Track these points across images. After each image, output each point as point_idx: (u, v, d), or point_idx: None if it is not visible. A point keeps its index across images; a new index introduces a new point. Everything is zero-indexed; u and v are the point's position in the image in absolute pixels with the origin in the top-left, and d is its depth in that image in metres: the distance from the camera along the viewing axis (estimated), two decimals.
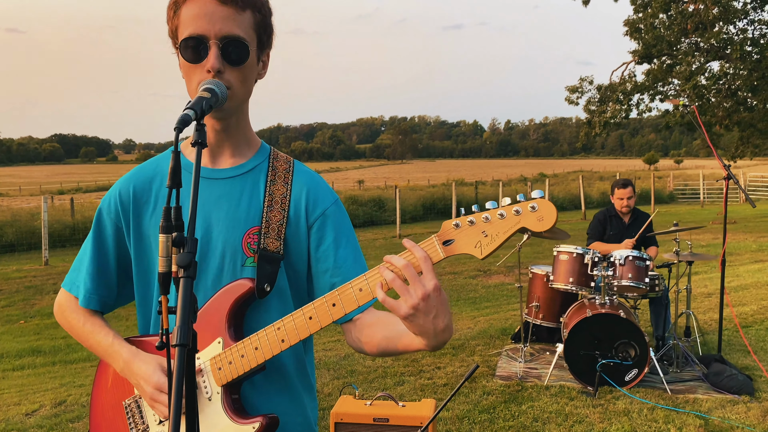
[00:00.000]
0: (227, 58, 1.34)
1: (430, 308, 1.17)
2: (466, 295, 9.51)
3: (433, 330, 1.19)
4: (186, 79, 1.38)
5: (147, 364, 1.38)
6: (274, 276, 1.39)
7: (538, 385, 4.93)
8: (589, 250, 5.28)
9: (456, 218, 1.24)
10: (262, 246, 1.40)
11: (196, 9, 1.33)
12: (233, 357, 1.33)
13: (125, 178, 1.52)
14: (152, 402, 1.37)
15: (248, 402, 1.40)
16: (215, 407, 1.33)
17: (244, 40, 1.35)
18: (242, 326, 1.38)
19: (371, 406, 3.42)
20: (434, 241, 1.24)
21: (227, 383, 1.34)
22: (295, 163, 1.52)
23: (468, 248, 1.23)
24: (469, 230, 1.23)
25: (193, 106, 1.17)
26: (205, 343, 1.35)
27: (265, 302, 1.40)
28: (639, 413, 4.36)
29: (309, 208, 1.45)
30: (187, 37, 1.33)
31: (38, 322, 9.10)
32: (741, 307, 7.45)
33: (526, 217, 1.19)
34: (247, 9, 1.36)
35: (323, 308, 1.29)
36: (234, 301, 1.35)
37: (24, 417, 4.71)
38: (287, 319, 1.31)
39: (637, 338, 4.78)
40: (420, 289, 1.16)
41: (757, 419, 4.23)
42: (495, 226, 1.21)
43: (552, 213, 1.17)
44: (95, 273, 1.51)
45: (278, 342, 1.31)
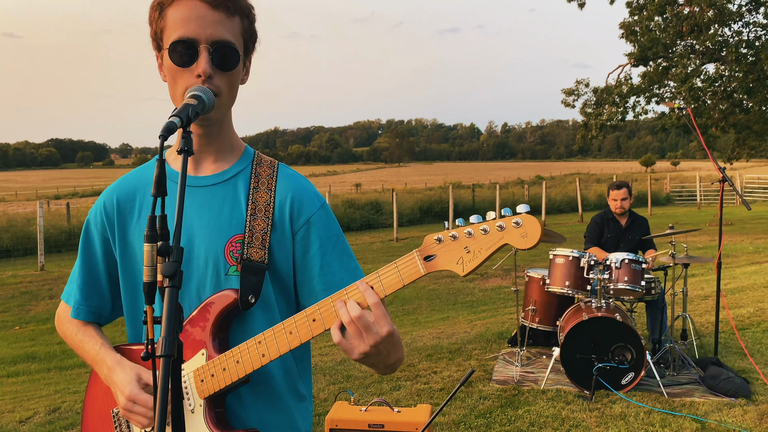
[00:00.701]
0: (217, 63, 1.32)
1: (381, 351, 1.22)
2: (463, 299, 9.50)
3: (383, 365, 1.28)
4: (171, 82, 1.35)
5: (125, 374, 1.37)
6: (258, 287, 1.37)
7: (535, 389, 4.91)
8: (585, 253, 5.27)
9: (439, 233, 1.22)
10: (245, 256, 1.37)
11: (186, 12, 1.31)
12: (215, 370, 1.31)
13: (109, 189, 1.51)
14: (126, 413, 1.35)
15: (234, 414, 1.38)
16: (197, 419, 1.32)
17: (234, 45, 1.34)
18: (227, 338, 1.37)
19: (366, 412, 3.40)
20: (415, 257, 1.22)
21: (210, 396, 1.32)
22: (279, 167, 1.49)
23: (450, 265, 1.20)
24: (451, 245, 1.20)
25: (179, 114, 1.15)
26: (189, 355, 1.34)
27: (251, 314, 1.38)
28: (635, 417, 4.35)
29: (294, 215, 1.42)
30: (176, 41, 1.31)
31: (33, 328, 9.06)
32: (737, 309, 7.45)
33: (509, 234, 1.16)
34: (236, 14, 1.35)
35: (303, 324, 1.28)
36: (218, 314, 1.33)
37: (18, 424, 4.68)
38: (268, 333, 1.30)
39: (634, 341, 4.77)
40: (372, 338, 1.20)
41: (754, 422, 4.22)
42: (478, 242, 1.18)
43: (536, 230, 1.14)
44: (84, 285, 1.51)
45: (259, 356, 1.29)
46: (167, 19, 1.33)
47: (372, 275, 1.27)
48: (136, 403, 1.33)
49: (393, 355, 1.26)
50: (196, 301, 1.37)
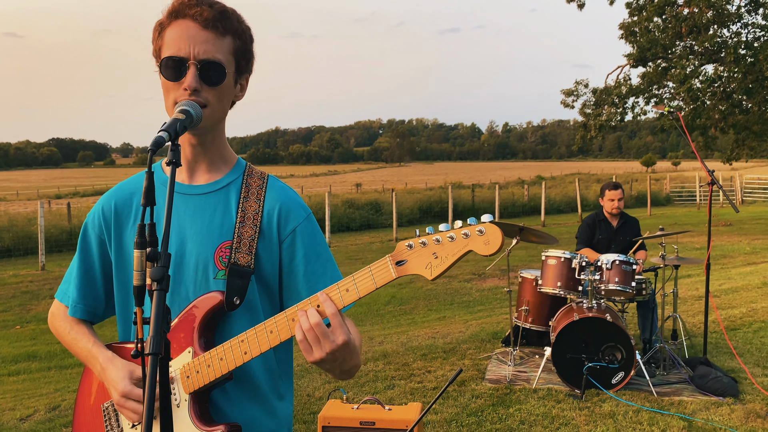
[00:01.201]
0: (205, 78, 1.42)
1: (337, 358, 1.32)
2: (460, 299, 9.58)
3: (338, 371, 1.38)
4: (165, 96, 1.45)
5: (118, 371, 1.45)
6: (244, 290, 1.45)
7: (527, 388, 4.99)
8: (577, 254, 5.35)
9: (410, 239, 1.31)
10: (233, 260, 1.46)
11: (179, 31, 1.41)
12: (200, 366, 1.40)
13: (108, 194, 1.60)
14: (119, 407, 1.44)
15: (219, 409, 1.47)
16: (182, 414, 1.40)
17: (221, 62, 1.43)
18: (213, 337, 1.45)
19: (358, 409, 3.48)
20: (388, 262, 1.31)
21: (195, 391, 1.40)
22: (269, 178, 1.58)
23: (419, 269, 1.29)
24: (421, 251, 1.29)
25: (168, 128, 1.24)
26: (177, 352, 1.42)
27: (236, 315, 1.47)
28: (624, 415, 4.43)
29: (281, 224, 1.51)
30: (168, 57, 1.41)
31: (34, 328, 9.15)
32: (730, 309, 7.53)
33: (473, 241, 1.25)
34: (227, 35, 1.45)
35: (283, 323, 1.37)
36: (204, 314, 1.42)
37: (18, 422, 4.77)
38: (251, 332, 1.38)
39: (624, 341, 4.85)
40: (328, 345, 1.31)
41: (740, 421, 4.30)
42: (445, 249, 1.27)
43: (498, 237, 1.24)
44: (81, 284, 1.59)
45: (241, 354, 1.38)
46: (164, 38, 1.44)
47: (347, 279, 1.36)
48: (129, 399, 1.41)
49: (348, 362, 1.38)
50: (186, 302, 1.46)
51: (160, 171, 1.56)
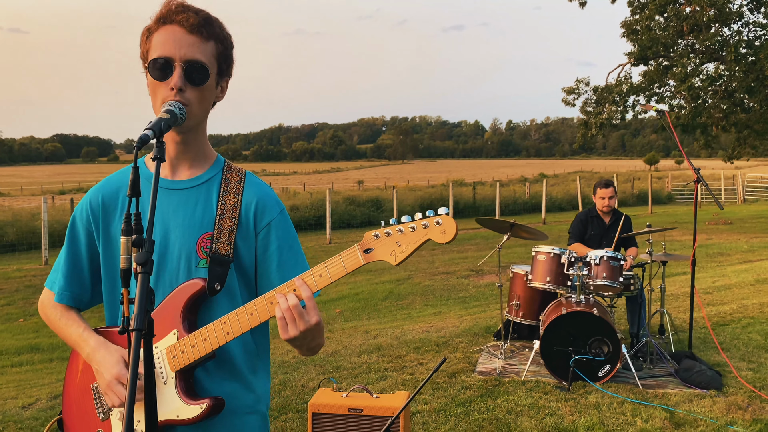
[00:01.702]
0: (189, 78, 1.55)
1: (307, 336, 1.49)
2: (457, 295, 9.70)
3: (306, 348, 1.56)
4: (152, 95, 1.58)
5: (111, 355, 1.58)
6: (224, 276, 1.59)
7: (515, 380, 5.12)
8: (566, 250, 5.47)
9: (376, 230, 1.45)
10: (213, 250, 1.59)
11: (166, 35, 1.55)
12: (186, 347, 1.53)
13: (95, 188, 1.73)
14: (107, 390, 1.56)
15: (202, 386, 1.60)
16: (169, 390, 1.54)
17: (204, 64, 1.56)
18: (196, 320, 1.58)
19: (347, 397, 3.61)
20: (356, 250, 1.46)
21: (180, 369, 1.54)
22: (246, 174, 1.72)
23: (384, 256, 1.44)
24: (386, 240, 1.44)
25: (153, 127, 1.37)
26: (162, 335, 1.55)
27: (217, 299, 1.60)
28: (608, 407, 4.55)
29: (257, 217, 1.65)
30: (155, 58, 1.54)
31: (37, 321, 9.31)
32: (721, 306, 7.63)
33: (432, 231, 1.40)
34: (210, 40, 1.58)
35: (263, 306, 1.50)
36: (188, 298, 1.55)
37: (20, 410, 4.91)
38: (233, 314, 1.52)
39: (610, 335, 4.97)
40: (303, 324, 1.47)
41: (722, 412, 4.42)
42: (407, 238, 1.43)
43: (452, 227, 1.39)
44: (68, 272, 1.71)
45: (224, 334, 1.51)
46: (152, 42, 1.57)
47: (320, 265, 1.50)
48: (120, 383, 1.54)
49: (316, 340, 1.55)
50: (169, 289, 1.59)
51: (144, 166, 1.69)
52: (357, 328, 7.64)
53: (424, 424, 4.35)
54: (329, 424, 3.57)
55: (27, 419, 4.66)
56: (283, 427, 4.34)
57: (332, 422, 3.56)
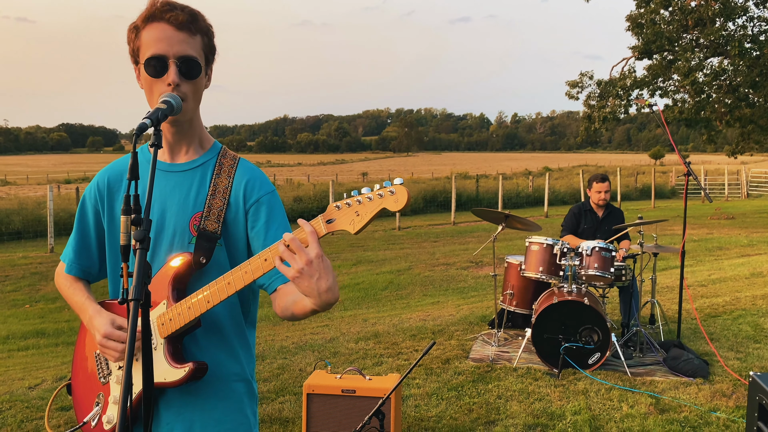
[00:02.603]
0: (183, 73, 1.67)
1: (313, 271, 1.47)
2: (456, 285, 9.84)
3: (317, 290, 1.48)
4: (147, 91, 1.71)
5: (102, 318, 1.72)
6: (210, 251, 1.71)
7: (507, 367, 5.25)
8: (559, 240, 5.59)
9: (338, 201, 1.56)
10: (201, 226, 1.72)
11: (157, 33, 1.65)
12: (173, 315, 1.66)
13: (103, 170, 1.87)
14: (101, 348, 1.70)
15: (190, 353, 1.73)
16: (159, 355, 1.67)
17: (196, 59, 1.69)
18: (185, 290, 1.71)
19: (341, 379, 3.75)
20: (319, 220, 1.56)
21: (168, 336, 1.67)
22: (240, 160, 1.84)
23: (344, 225, 1.53)
24: (346, 210, 1.54)
25: (150, 116, 1.50)
26: (155, 304, 1.69)
27: (206, 272, 1.72)
28: (596, 393, 4.69)
29: (246, 195, 1.77)
30: (150, 57, 1.66)
31: (43, 307, 9.50)
32: (714, 298, 7.74)
33: (386, 200, 1.49)
34: (197, 34, 1.70)
35: (238, 275, 1.62)
36: (176, 271, 1.68)
37: (27, 390, 5.08)
38: (213, 284, 1.64)
39: (600, 324, 5.10)
40: (304, 256, 1.47)
41: (706, 399, 4.54)
42: (364, 207, 1.52)
43: (404, 196, 1.48)
44: (77, 246, 1.87)
45: (205, 302, 1.63)
46: (142, 39, 1.68)
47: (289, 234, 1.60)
48: (109, 339, 1.67)
49: (324, 279, 1.46)
50: (164, 263, 1.72)
51: (147, 152, 1.82)
52: (356, 317, 7.79)
53: (416, 406, 4.49)
54: (323, 404, 3.71)
55: (33, 398, 4.82)
56: (281, 408, 4.49)
57: (326, 402, 3.71)
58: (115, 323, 1.70)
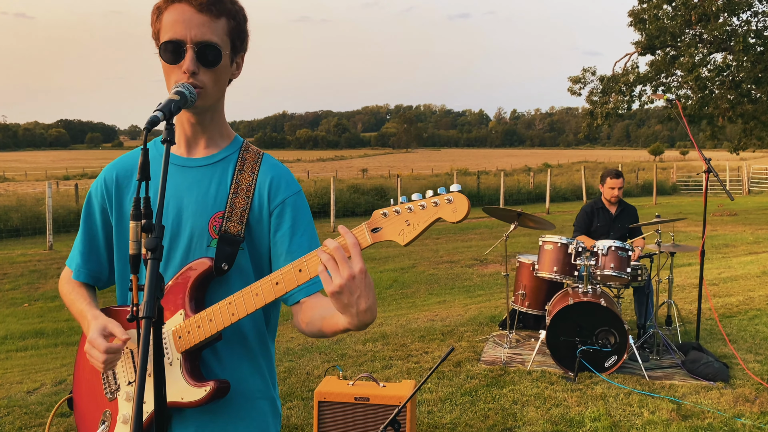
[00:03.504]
0: (202, 60, 1.50)
1: (355, 288, 1.30)
2: (461, 284, 9.68)
3: (356, 309, 1.32)
4: (166, 78, 1.54)
5: (97, 324, 1.52)
6: (232, 256, 1.54)
7: (521, 370, 5.09)
8: (573, 240, 5.42)
9: (385, 208, 1.39)
10: (223, 229, 1.55)
11: (176, 15, 1.49)
12: (191, 327, 1.49)
13: (110, 166, 1.70)
14: (88, 356, 1.51)
15: (209, 368, 1.56)
16: (175, 371, 1.50)
17: (217, 45, 1.51)
18: (203, 300, 1.54)
19: (353, 386, 3.59)
20: (364, 228, 1.38)
21: (186, 350, 1.50)
22: (264, 155, 1.67)
23: (393, 235, 1.36)
24: (394, 219, 1.36)
25: (162, 108, 1.33)
26: (169, 315, 1.51)
27: (226, 279, 1.56)
28: (615, 398, 4.53)
29: (271, 195, 1.60)
30: (166, 41, 1.49)
31: (42, 305, 9.32)
32: (727, 297, 7.59)
33: (442, 209, 1.32)
34: (222, 17, 1.52)
35: (268, 286, 1.45)
36: (195, 278, 1.51)
37: (26, 394, 4.91)
38: (238, 294, 1.47)
39: (617, 326, 4.94)
40: (347, 270, 1.30)
41: (729, 404, 4.39)
42: (416, 216, 1.34)
43: (464, 205, 1.30)
44: (84, 250, 1.70)
45: (229, 315, 1.46)
46: (162, 22, 1.51)
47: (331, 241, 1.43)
48: (92, 347, 1.48)
49: (365, 298, 1.31)
50: (180, 268, 1.55)
51: (160, 146, 1.64)
52: None
53: (429, 413, 4.33)
54: (335, 412, 3.55)
55: (32, 404, 4.66)
56: (288, 415, 4.33)
57: (338, 410, 3.55)
58: (106, 330, 1.50)
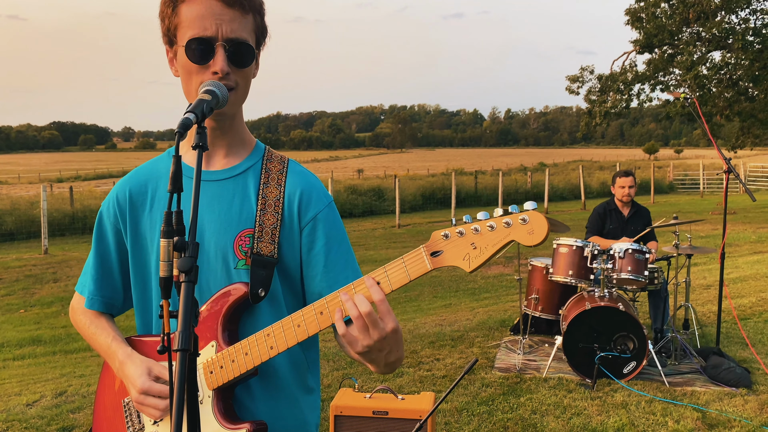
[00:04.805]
0: (233, 60, 1.34)
1: (384, 347, 1.23)
2: (465, 286, 9.53)
3: (383, 362, 1.26)
4: (185, 79, 1.37)
5: (136, 368, 1.38)
6: (268, 281, 1.38)
7: (537, 377, 4.95)
8: (589, 242, 5.28)
9: (446, 229, 1.23)
10: (255, 250, 1.39)
11: (201, 9, 1.32)
12: (225, 362, 1.33)
13: (122, 181, 1.53)
14: (138, 405, 1.38)
15: (242, 405, 1.40)
16: (206, 410, 1.34)
17: (249, 43, 1.35)
18: (236, 331, 1.38)
19: (371, 399, 3.43)
20: (422, 252, 1.23)
21: (218, 387, 1.34)
22: (289, 163, 1.50)
23: (456, 260, 1.21)
24: (458, 241, 1.21)
25: (194, 110, 1.16)
26: (199, 347, 1.35)
27: (259, 307, 1.40)
28: (637, 405, 4.39)
29: (302, 210, 1.44)
30: (193, 38, 1.32)
31: (38, 311, 9.12)
32: (739, 299, 7.47)
33: (516, 230, 1.17)
34: (250, 12, 1.37)
35: (311, 316, 1.29)
36: (228, 306, 1.35)
37: (25, 407, 4.73)
38: (277, 325, 1.31)
39: (636, 331, 4.80)
40: (377, 333, 1.21)
41: (755, 412, 4.25)
42: (485, 238, 1.19)
43: (543, 227, 1.15)
44: (97, 275, 1.52)
45: (267, 349, 1.31)
46: (181, 16, 1.34)
47: (379, 270, 1.28)
48: (148, 395, 1.35)
49: (394, 353, 1.27)
50: (205, 294, 1.39)
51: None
52: None
53: (446, 424, 4.17)
54: (353, 426, 3.39)
55: (32, 417, 4.48)
56: None
57: (356, 425, 3.38)
58: (152, 373, 1.36)
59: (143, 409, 1.37)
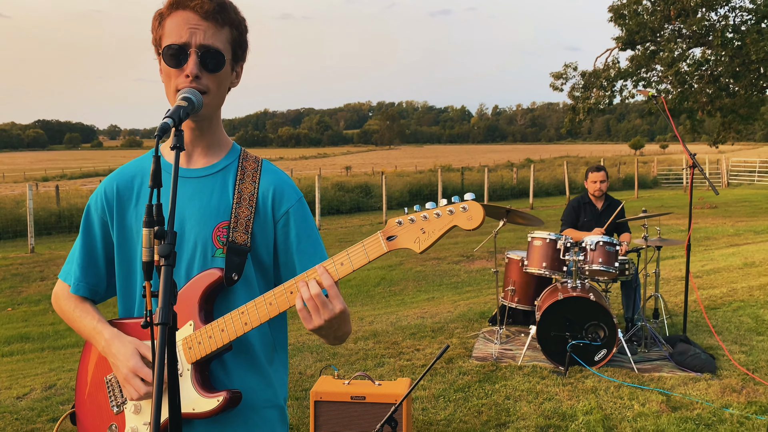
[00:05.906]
0: (205, 65, 1.51)
1: (332, 324, 1.45)
2: (449, 280, 9.73)
3: (332, 336, 1.52)
4: (166, 82, 1.55)
5: (125, 347, 1.54)
6: (241, 266, 1.56)
7: (512, 365, 5.14)
8: (562, 235, 5.48)
9: (399, 216, 1.41)
10: (230, 239, 1.56)
11: (180, 21, 1.51)
12: (202, 338, 1.50)
13: (110, 177, 1.69)
14: (124, 382, 1.53)
15: (218, 379, 1.57)
16: (185, 382, 1.50)
17: (220, 50, 1.52)
18: (212, 311, 1.55)
19: (349, 385, 3.61)
20: (379, 237, 1.42)
21: (196, 361, 1.51)
22: (263, 162, 1.68)
23: (408, 243, 1.40)
24: (410, 227, 1.40)
25: (172, 115, 1.34)
26: (179, 325, 1.52)
27: (234, 290, 1.57)
28: (606, 391, 4.59)
29: (275, 205, 1.62)
30: (170, 44, 1.50)
31: (26, 309, 9.21)
32: (711, 289, 7.72)
33: (458, 217, 1.36)
34: (225, 26, 1.54)
35: (282, 295, 1.47)
36: (204, 288, 1.52)
37: (15, 400, 4.86)
38: (251, 304, 1.49)
39: (606, 320, 5.00)
40: (327, 313, 1.43)
41: (717, 395, 4.47)
42: (432, 224, 1.38)
43: (479, 213, 1.35)
44: (83, 263, 1.68)
45: (242, 325, 1.48)
46: (165, 28, 1.52)
47: (342, 253, 1.48)
48: (136, 375, 1.51)
49: (342, 328, 1.51)
50: (184, 279, 1.56)
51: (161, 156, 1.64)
52: (351, 315, 7.59)
53: (423, 409, 4.36)
54: (332, 411, 3.56)
55: (23, 409, 4.61)
56: None
57: (335, 410, 3.56)
58: (142, 353, 1.53)
59: (127, 387, 1.52)
